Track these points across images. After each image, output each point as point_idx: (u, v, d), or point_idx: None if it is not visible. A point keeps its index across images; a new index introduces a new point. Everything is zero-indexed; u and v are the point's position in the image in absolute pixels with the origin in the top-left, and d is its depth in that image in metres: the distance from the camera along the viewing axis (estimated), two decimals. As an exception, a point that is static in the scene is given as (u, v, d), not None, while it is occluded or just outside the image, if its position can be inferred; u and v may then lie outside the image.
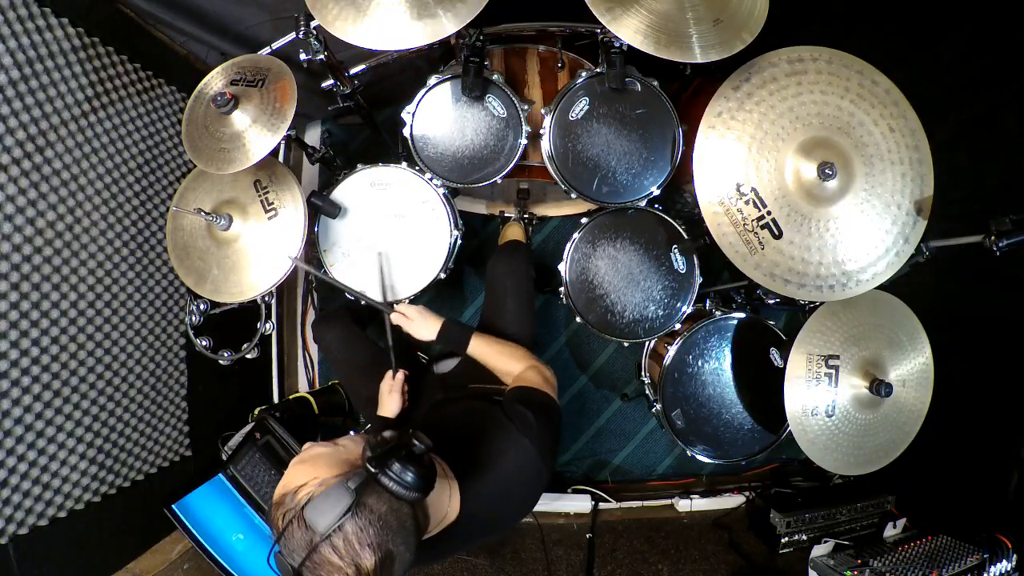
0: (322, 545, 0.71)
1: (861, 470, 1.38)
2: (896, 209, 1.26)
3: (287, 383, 2.20)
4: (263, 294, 1.45)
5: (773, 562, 1.87)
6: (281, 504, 0.76)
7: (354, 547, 0.71)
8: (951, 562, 1.56)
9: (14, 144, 1.18)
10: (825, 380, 1.35)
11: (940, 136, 1.28)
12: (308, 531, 0.72)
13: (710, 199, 1.27)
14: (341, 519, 0.71)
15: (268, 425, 1.67)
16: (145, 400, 1.56)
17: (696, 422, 1.67)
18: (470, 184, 1.54)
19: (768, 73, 1.27)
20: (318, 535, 0.71)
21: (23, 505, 1.21)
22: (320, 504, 0.72)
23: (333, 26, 1.20)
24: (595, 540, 1.98)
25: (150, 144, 1.60)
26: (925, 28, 1.57)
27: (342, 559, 0.71)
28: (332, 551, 0.71)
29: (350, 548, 0.71)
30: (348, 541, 0.71)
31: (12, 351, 1.18)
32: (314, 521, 0.71)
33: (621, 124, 1.49)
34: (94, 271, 1.40)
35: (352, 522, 0.72)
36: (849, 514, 1.89)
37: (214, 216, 1.38)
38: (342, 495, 0.72)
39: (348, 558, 0.71)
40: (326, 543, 0.71)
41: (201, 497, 1.63)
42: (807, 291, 1.26)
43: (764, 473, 2.22)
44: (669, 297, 1.62)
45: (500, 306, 1.45)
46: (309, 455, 0.82)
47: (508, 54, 1.67)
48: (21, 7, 1.19)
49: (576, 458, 2.26)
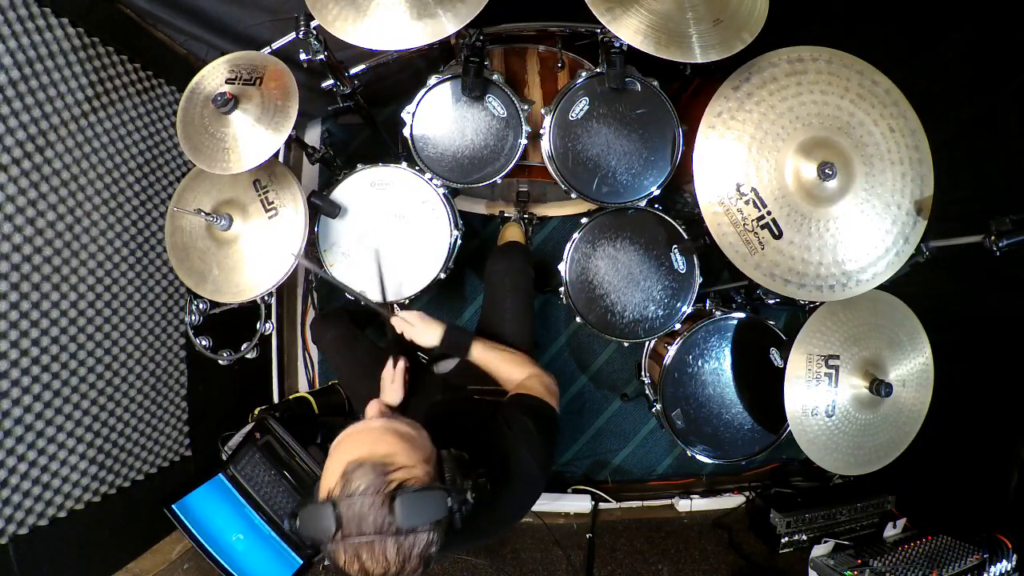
0: (393, 537, 0.70)
1: (861, 470, 1.38)
2: (896, 209, 1.26)
3: (287, 383, 2.20)
4: (263, 294, 1.45)
5: (773, 562, 1.87)
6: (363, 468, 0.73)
7: (415, 554, 0.71)
8: (951, 562, 1.56)
9: (14, 144, 1.18)
10: (825, 380, 1.35)
11: (940, 136, 1.28)
12: (388, 516, 0.70)
13: (710, 199, 1.27)
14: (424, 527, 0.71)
15: (268, 425, 1.67)
16: (145, 400, 1.56)
17: (696, 422, 1.67)
18: (470, 184, 1.54)
19: (768, 73, 1.27)
20: (395, 526, 0.70)
21: (23, 505, 1.21)
22: (417, 503, 0.71)
23: (333, 26, 1.21)
24: (595, 540, 1.98)
25: (150, 144, 1.60)
26: (925, 28, 1.56)
27: (395, 556, 0.70)
28: (395, 546, 0.70)
29: (407, 551, 0.71)
30: (413, 545, 0.71)
31: (12, 351, 1.18)
32: (403, 513, 0.70)
33: (621, 124, 1.49)
34: (94, 271, 1.41)
35: (427, 534, 0.72)
36: (849, 514, 1.89)
37: (214, 216, 1.38)
38: (441, 507, 0.72)
39: (401, 561, 0.71)
40: (398, 537, 0.70)
41: (201, 497, 1.62)
42: (807, 291, 1.26)
43: (764, 473, 2.22)
44: (669, 297, 1.62)
45: (499, 306, 1.45)
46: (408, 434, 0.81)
47: (508, 54, 1.67)
48: (21, 7, 1.19)
49: (576, 458, 2.26)
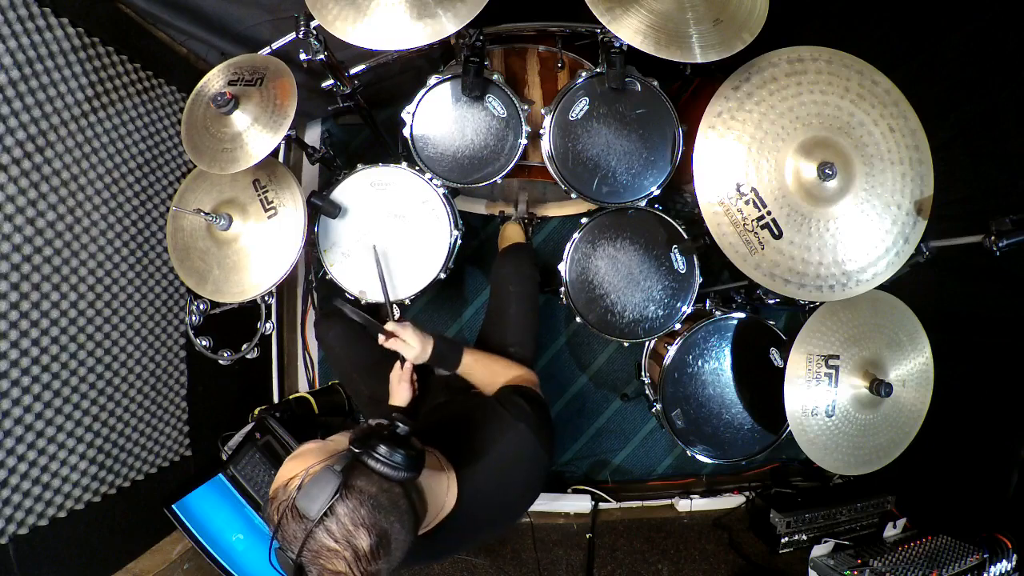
0: (316, 530, 0.71)
1: (861, 470, 1.38)
2: (896, 209, 1.26)
3: (287, 383, 2.20)
4: (263, 294, 1.45)
5: (773, 562, 1.87)
6: (275, 499, 0.77)
7: (348, 528, 0.72)
8: (951, 562, 1.56)
9: (14, 144, 1.18)
10: (825, 380, 1.35)
11: (940, 136, 1.28)
12: (302, 520, 0.72)
13: (710, 199, 1.27)
14: (331, 501, 0.72)
15: (268, 425, 1.67)
16: (145, 400, 1.56)
17: (696, 422, 1.67)
18: (470, 184, 1.54)
19: (768, 73, 1.27)
20: (311, 520, 0.71)
21: (23, 505, 1.21)
22: (309, 490, 0.73)
23: (333, 26, 1.20)
24: (595, 540, 1.98)
25: (150, 144, 1.60)
26: (925, 28, 1.56)
27: (337, 542, 0.71)
28: (327, 535, 0.71)
29: (344, 530, 0.72)
30: (341, 523, 0.72)
31: (12, 351, 1.18)
32: (306, 508, 0.72)
33: (621, 124, 1.49)
34: (94, 271, 1.40)
35: (343, 504, 0.72)
36: (849, 514, 1.89)
37: (214, 216, 1.38)
38: (329, 478, 0.73)
39: (344, 540, 0.71)
40: (320, 528, 0.71)
41: (201, 497, 1.63)
42: (807, 291, 1.26)
43: (764, 473, 2.22)
44: (669, 297, 1.62)
45: (503, 312, 1.46)
46: (299, 451, 0.83)
47: (508, 54, 1.67)
48: (21, 7, 1.19)
49: (576, 458, 2.26)
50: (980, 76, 1.49)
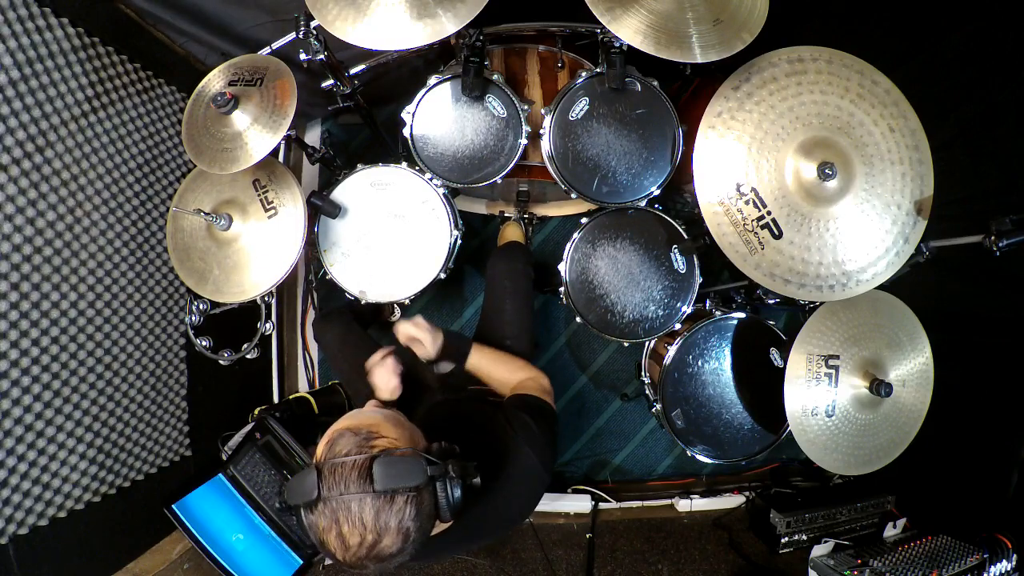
0: (370, 499, 0.71)
1: (861, 470, 1.38)
2: (896, 209, 1.26)
3: (287, 383, 2.20)
4: (264, 294, 1.45)
5: (773, 562, 1.87)
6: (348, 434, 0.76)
7: (390, 520, 0.71)
8: (951, 562, 1.56)
9: (14, 144, 1.18)
10: (825, 380, 1.35)
11: (940, 136, 1.28)
12: (365, 480, 0.71)
13: (710, 199, 1.27)
14: (405, 491, 0.72)
15: (268, 425, 1.67)
16: (145, 400, 1.56)
17: (696, 422, 1.67)
18: (470, 184, 1.54)
19: (768, 73, 1.27)
20: (373, 489, 0.71)
21: (23, 505, 1.21)
22: (395, 465, 0.72)
23: (333, 26, 1.21)
24: (595, 540, 1.98)
25: (150, 144, 1.60)
26: (925, 28, 1.56)
27: (374, 521, 0.71)
28: (372, 510, 0.71)
29: (386, 517, 0.71)
30: (388, 511, 0.71)
31: (12, 351, 1.18)
32: (380, 475, 0.71)
33: (621, 124, 1.49)
34: (94, 271, 1.40)
35: (404, 498, 0.72)
36: (849, 514, 1.89)
37: (214, 216, 1.38)
38: (417, 473, 0.73)
39: (379, 524, 0.71)
40: (374, 499, 0.71)
41: (201, 497, 1.62)
42: (807, 291, 1.26)
43: (764, 473, 2.22)
44: (669, 297, 1.62)
45: (499, 308, 1.46)
46: (396, 417, 0.83)
47: (508, 54, 1.67)
48: (21, 7, 1.19)
49: (576, 458, 2.26)
50: (980, 76, 1.49)
